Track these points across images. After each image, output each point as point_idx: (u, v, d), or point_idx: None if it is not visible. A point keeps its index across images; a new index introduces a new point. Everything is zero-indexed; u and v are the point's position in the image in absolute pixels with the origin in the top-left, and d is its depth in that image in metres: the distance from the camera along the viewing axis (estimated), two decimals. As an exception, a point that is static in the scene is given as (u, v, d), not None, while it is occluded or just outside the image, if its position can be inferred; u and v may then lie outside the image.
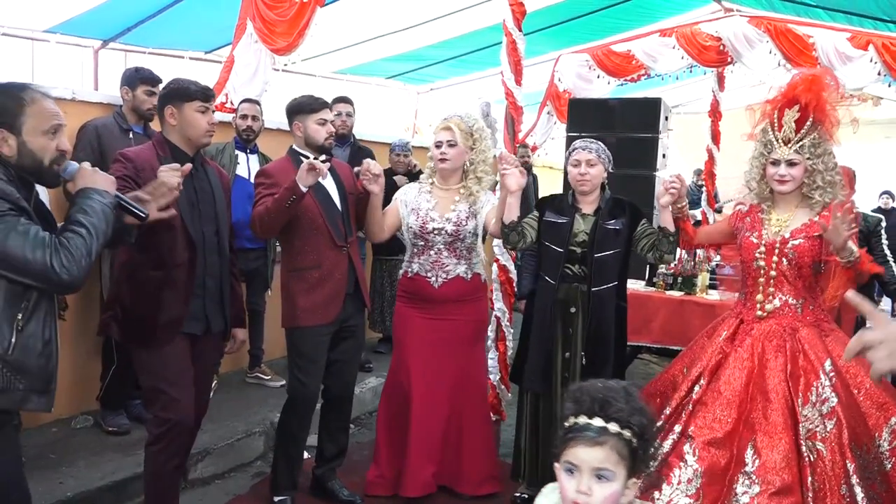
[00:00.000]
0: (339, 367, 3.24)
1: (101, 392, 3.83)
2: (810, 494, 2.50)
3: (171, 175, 2.43)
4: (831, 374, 2.65)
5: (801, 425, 2.59)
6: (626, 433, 1.40)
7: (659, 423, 2.86)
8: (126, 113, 3.81)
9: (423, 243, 3.31)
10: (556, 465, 1.46)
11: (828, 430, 2.57)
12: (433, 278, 3.31)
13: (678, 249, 3.23)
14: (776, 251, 2.80)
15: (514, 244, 3.26)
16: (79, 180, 2.09)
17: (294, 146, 3.18)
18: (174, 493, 2.84)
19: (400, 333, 3.42)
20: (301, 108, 3.14)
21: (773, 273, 2.81)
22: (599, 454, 1.39)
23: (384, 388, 3.55)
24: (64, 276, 1.92)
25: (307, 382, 3.12)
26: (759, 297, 2.85)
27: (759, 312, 2.84)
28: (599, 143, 3.27)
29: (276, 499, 3.18)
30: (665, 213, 3.02)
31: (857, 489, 2.49)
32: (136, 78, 3.84)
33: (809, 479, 2.51)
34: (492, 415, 4.08)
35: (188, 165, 2.54)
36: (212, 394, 4.29)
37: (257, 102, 4.51)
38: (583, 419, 1.42)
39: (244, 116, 4.35)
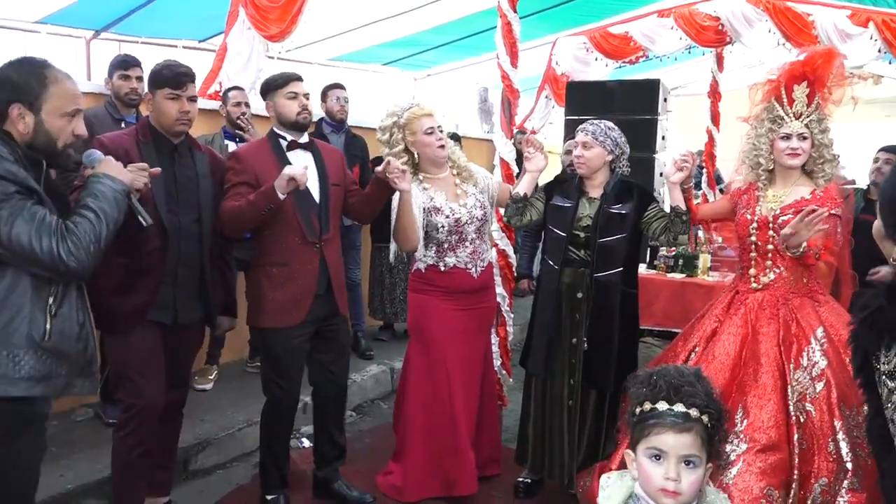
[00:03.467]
0: (328, 368, 3.11)
1: (100, 384, 3.81)
2: (796, 451, 2.56)
3: (137, 176, 2.34)
4: (822, 340, 2.72)
5: (791, 388, 2.65)
6: (705, 418, 1.41)
7: None
8: (116, 102, 3.78)
9: (457, 237, 3.21)
10: (630, 451, 1.46)
11: (817, 391, 2.64)
12: (473, 269, 3.25)
13: (690, 231, 3.19)
14: (769, 227, 2.85)
15: (509, 217, 3.27)
16: (100, 170, 2.09)
17: (273, 127, 3.02)
18: (141, 482, 2.77)
19: (432, 328, 3.22)
20: (269, 86, 2.98)
21: (769, 247, 2.87)
22: (687, 440, 1.39)
23: (413, 391, 3.27)
24: (71, 264, 1.89)
25: (285, 387, 2.98)
26: (753, 270, 2.92)
27: (754, 284, 2.91)
28: (602, 124, 3.18)
29: (268, 497, 3.09)
30: (676, 190, 2.97)
31: (843, 444, 2.55)
32: (111, 65, 3.84)
33: (796, 436, 2.57)
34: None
35: (157, 169, 2.46)
36: (212, 384, 4.33)
37: (244, 89, 4.48)
38: (662, 405, 1.42)
39: (238, 104, 4.30)
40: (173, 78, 2.64)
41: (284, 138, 2.96)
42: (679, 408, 1.40)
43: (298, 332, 2.96)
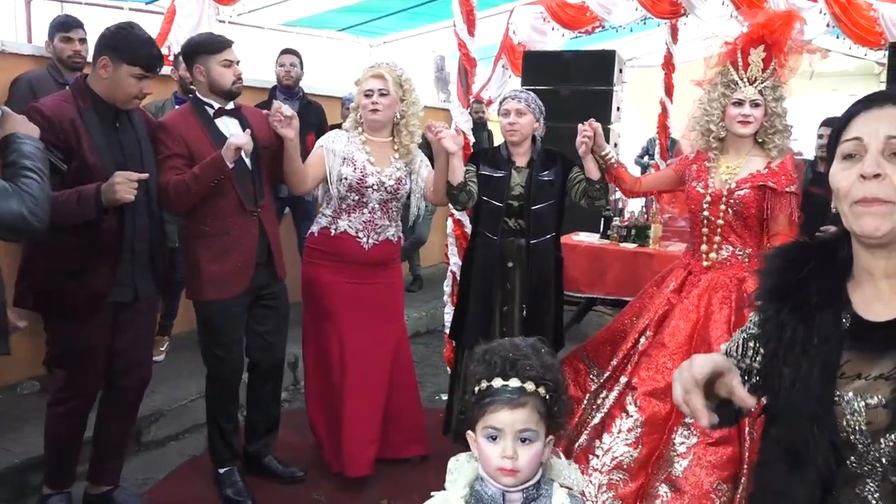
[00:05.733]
0: (265, 338, 3.07)
1: (47, 357, 3.73)
2: (747, 444, 2.53)
3: (126, 189, 2.30)
4: None
5: None
6: (542, 390, 1.37)
7: (606, 374, 2.92)
8: (59, 66, 3.64)
9: (356, 199, 3.10)
10: (471, 433, 1.41)
11: None
12: (364, 239, 3.13)
13: (609, 194, 3.28)
14: (722, 201, 2.77)
15: (465, 204, 3.21)
16: (6, 125, 2.01)
17: (197, 94, 2.89)
18: (74, 448, 2.72)
19: (324, 302, 3.17)
20: (202, 48, 2.82)
21: (720, 223, 2.80)
22: (523, 415, 1.35)
23: (310, 365, 3.31)
24: (35, 223, 1.89)
25: (226, 357, 2.93)
26: (705, 247, 2.86)
27: (706, 262, 2.85)
28: (531, 93, 3.26)
29: (221, 471, 3.05)
30: (586, 161, 3.02)
31: None
32: (51, 26, 3.69)
33: (748, 428, 2.54)
34: (449, 369, 4.10)
35: (146, 175, 2.41)
36: (164, 355, 4.27)
37: None
38: (497, 381, 1.37)
39: (190, 68, 4.18)
40: (149, 60, 2.49)
41: (211, 106, 2.86)
42: (514, 383, 1.35)
43: (238, 302, 2.91)
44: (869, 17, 5.91)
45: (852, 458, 1.09)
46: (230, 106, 2.89)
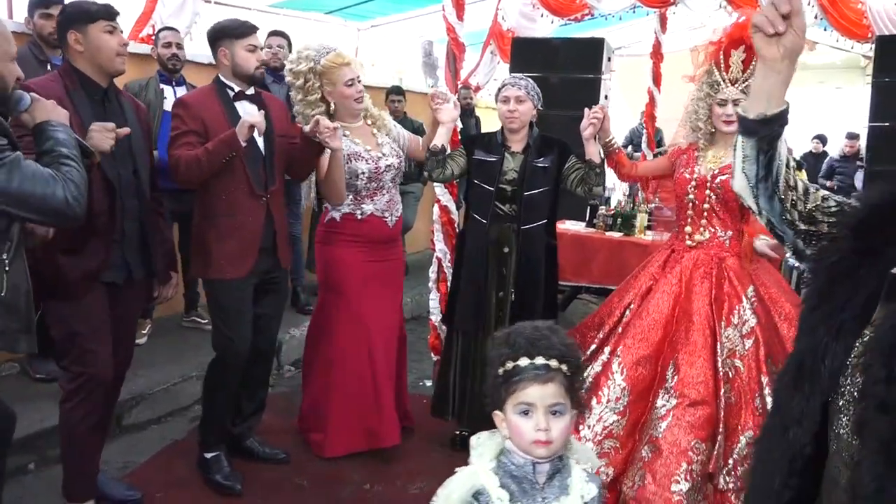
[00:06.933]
0: (264, 322, 3.08)
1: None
2: (722, 404, 2.65)
3: (102, 138, 2.27)
4: (753, 299, 2.81)
5: (721, 345, 2.74)
6: (565, 367, 1.45)
7: (592, 347, 2.96)
8: (40, 43, 3.58)
9: (375, 185, 3.20)
10: (499, 413, 1.48)
11: (746, 348, 2.74)
12: (389, 217, 3.26)
13: (605, 184, 3.30)
14: (707, 186, 2.91)
15: (431, 171, 3.25)
16: (37, 112, 2.02)
17: (220, 76, 2.92)
18: (94, 452, 2.67)
19: (349, 280, 3.21)
20: (227, 33, 2.86)
21: (705, 206, 2.93)
22: (552, 389, 1.43)
23: (329, 347, 3.26)
24: (77, 209, 1.93)
25: (235, 337, 2.93)
26: (689, 228, 2.98)
27: (689, 242, 2.97)
28: (529, 79, 3.26)
29: (208, 455, 3.04)
30: (589, 144, 3.07)
31: (769, 399, 2.65)
32: (30, 3, 3.62)
33: (723, 391, 2.66)
34: (433, 355, 4.11)
35: (126, 130, 2.38)
36: (146, 338, 4.23)
37: (178, 30, 4.31)
38: (524, 360, 1.44)
39: (167, 44, 4.12)
40: (105, 9, 2.47)
41: (231, 88, 2.89)
42: (539, 360, 1.44)
43: (247, 283, 2.93)
44: (856, 10, 5.94)
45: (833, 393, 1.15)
46: (250, 91, 2.92)
